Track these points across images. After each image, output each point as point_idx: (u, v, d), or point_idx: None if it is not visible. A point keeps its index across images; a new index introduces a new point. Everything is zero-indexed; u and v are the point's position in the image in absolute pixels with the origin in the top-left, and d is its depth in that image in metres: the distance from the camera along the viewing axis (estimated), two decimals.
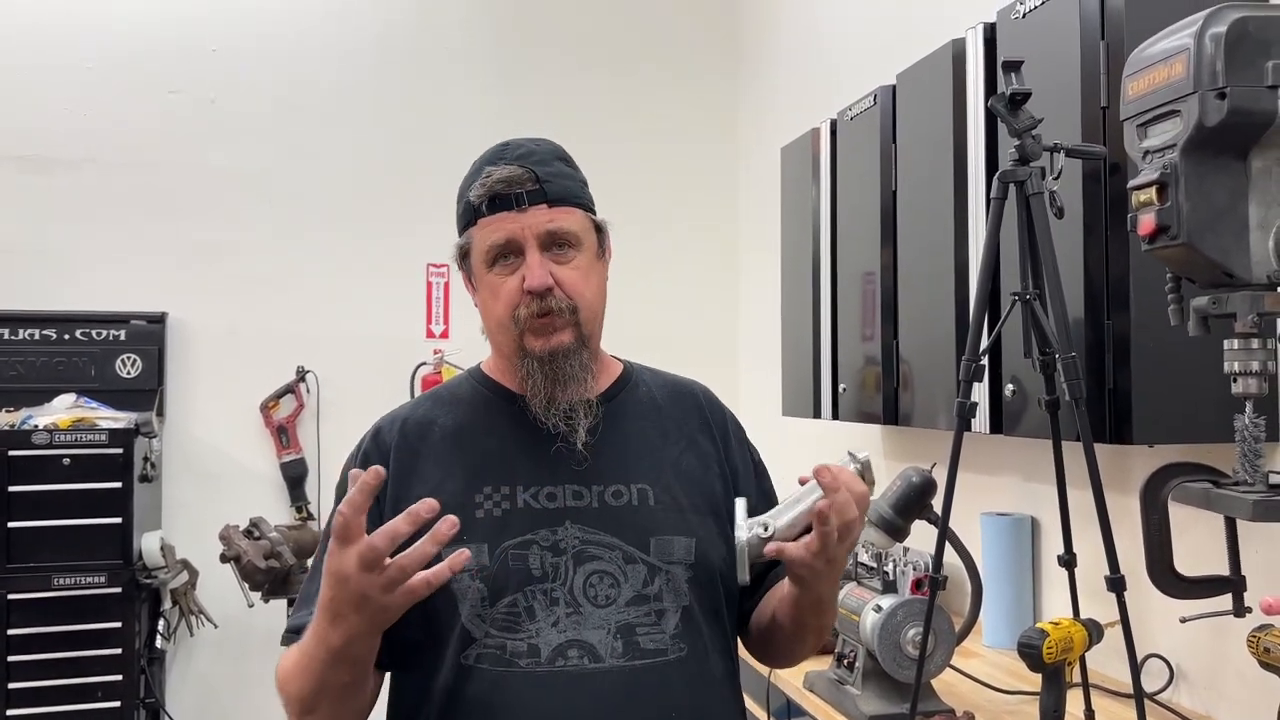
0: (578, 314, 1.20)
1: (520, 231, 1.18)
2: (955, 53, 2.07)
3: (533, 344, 1.19)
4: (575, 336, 1.20)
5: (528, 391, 1.21)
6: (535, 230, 1.18)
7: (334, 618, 1.02)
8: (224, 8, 3.74)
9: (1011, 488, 2.35)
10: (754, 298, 3.95)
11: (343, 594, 1.00)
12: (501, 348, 1.25)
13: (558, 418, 1.20)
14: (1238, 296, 1.08)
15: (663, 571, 1.19)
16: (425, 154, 3.89)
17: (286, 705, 1.14)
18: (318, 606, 1.05)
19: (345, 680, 1.08)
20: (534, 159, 1.20)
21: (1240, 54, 1.04)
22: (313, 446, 3.74)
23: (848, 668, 1.92)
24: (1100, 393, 1.66)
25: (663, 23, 4.12)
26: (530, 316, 1.18)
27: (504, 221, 1.18)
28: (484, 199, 1.18)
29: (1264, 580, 1.60)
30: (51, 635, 3.05)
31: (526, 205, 1.18)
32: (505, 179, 1.18)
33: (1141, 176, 1.12)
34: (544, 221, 1.18)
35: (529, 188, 1.18)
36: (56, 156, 3.59)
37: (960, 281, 2.06)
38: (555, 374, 1.19)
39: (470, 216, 1.21)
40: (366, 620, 1.01)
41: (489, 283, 1.21)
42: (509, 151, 1.22)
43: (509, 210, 1.18)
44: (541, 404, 1.20)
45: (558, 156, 1.24)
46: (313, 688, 1.09)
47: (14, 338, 3.46)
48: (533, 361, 1.19)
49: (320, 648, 1.05)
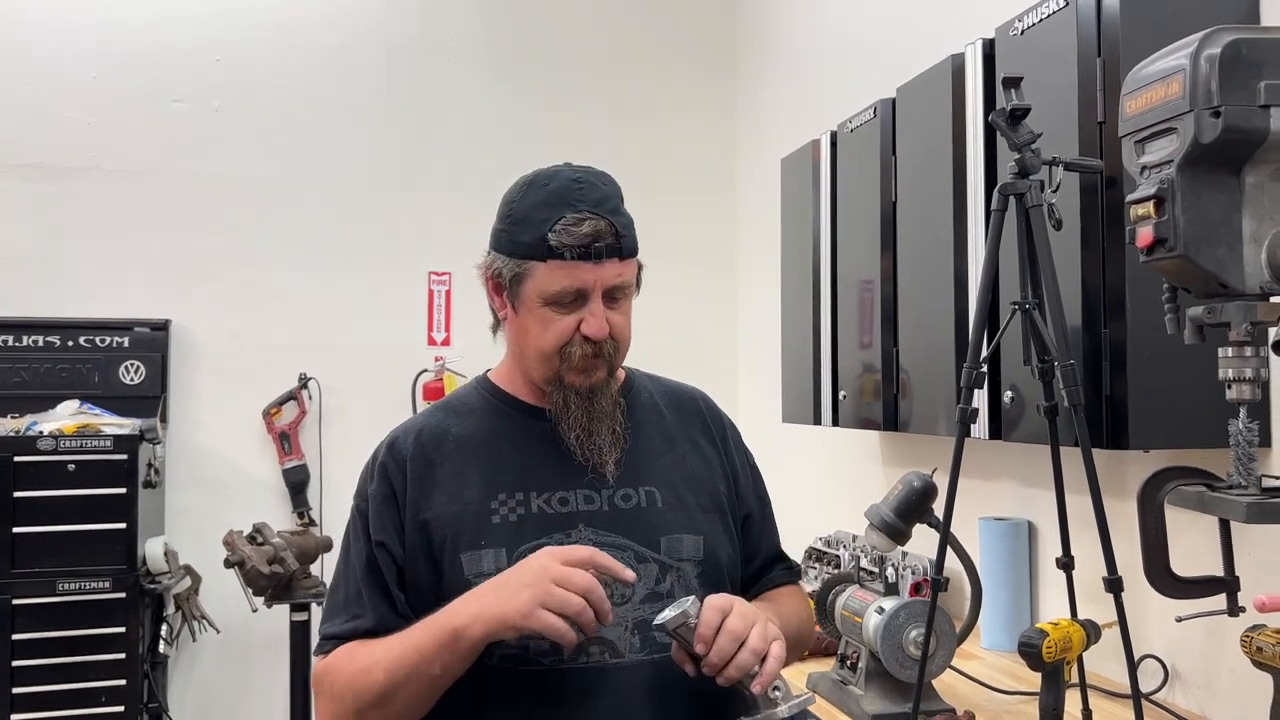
0: (616, 354, 1.27)
1: (593, 283, 1.21)
2: (955, 67, 2.12)
3: (574, 379, 1.24)
4: (608, 371, 1.27)
5: (564, 421, 1.26)
6: (605, 282, 1.22)
7: (477, 595, 1.13)
8: (228, 18, 3.77)
9: (1009, 493, 2.39)
10: (754, 305, 4.00)
11: (519, 574, 1.11)
12: (532, 372, 1.29)
13: (592, 450, 1.25)
14: (1232, 306, 1.12)
15: (674, 569, 1.24)
16: (428, 164, 3.93)
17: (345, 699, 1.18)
18: (462, 599, 1.14)
19: (436, 673, 1.14)
20: (608, 207, 1.22)
21: (1234, 74, 1.08)
22: (315, 453, 3.77)
23: (851, 668, 1.96)
24: (1098, 399, 1.71)
25: (664, 36, 4.17)
26: (584, 357, 1.23)
27: (581, 271, 1.20)
28: (569, 248, 1.19)
29: (1258, 581, 1.65)
30: (55, 640, 3.07)
31: (605, 259, 1.21)
32: (593, 233, 1.19)
33: (1139, 191, 1.16)
34: (614, 275, 1.22)
35: (609, 242, 1.21)
36: (61, 165, 3.62)
37: (959, 290, 2.10)
38: (593, 410, 1.25)
39: (541, 253, 1.21)
40: (501, 601, 1.10)
41: (541, 315, 1.23)
42: (586, 195, 1.22)
43: (587, 261, 1.20)
44: (579, 435, 1.25)
45: (621, 199, 1.27)
46: (404, 675, 1.14)
47: (19, 344, 3.48)
48: (570, 393, 1.25)
49: (432, 627, 1.14)
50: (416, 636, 1.15)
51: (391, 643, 1.17)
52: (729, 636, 1.09)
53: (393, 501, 1.26)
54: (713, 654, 1.09)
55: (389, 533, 1.25)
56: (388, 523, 1.25)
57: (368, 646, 1.19)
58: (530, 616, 1.07)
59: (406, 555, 1.24)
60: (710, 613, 1.10)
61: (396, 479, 1.27)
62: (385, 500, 1.26)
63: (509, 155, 3.87)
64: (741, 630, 1.09)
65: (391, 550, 1.24)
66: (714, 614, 1.10)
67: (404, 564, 1.24)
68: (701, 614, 1.10)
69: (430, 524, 1.24)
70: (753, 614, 1.12)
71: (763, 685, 1.09)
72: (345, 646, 1.22)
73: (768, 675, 1.09)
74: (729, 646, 1.08)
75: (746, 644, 1.08)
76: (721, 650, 1.08)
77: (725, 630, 1.09)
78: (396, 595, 1.23)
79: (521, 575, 1.10)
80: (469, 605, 1.13)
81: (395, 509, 1.25)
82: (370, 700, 1.16)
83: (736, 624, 1.09)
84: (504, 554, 1.21)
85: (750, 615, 1.12)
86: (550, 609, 1.06)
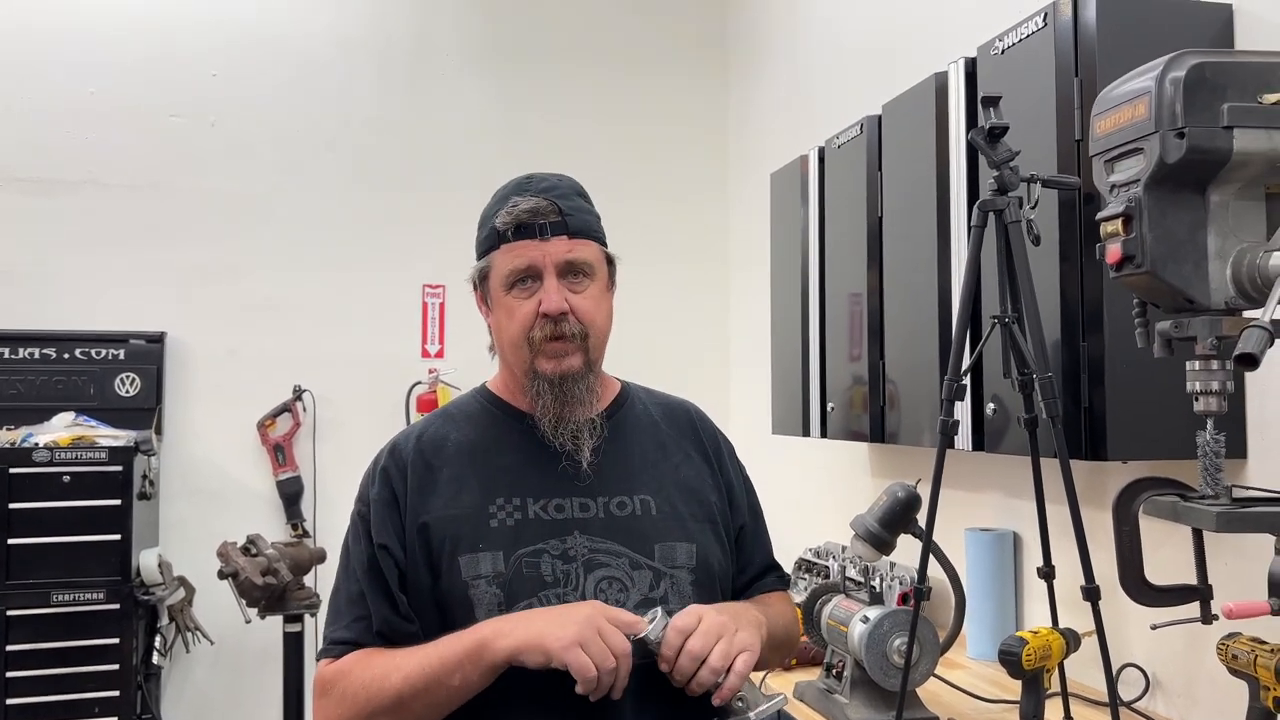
0: (588, 340, 1.28)
1: (541, 259, 1.25)
2: (938, 85, 2.16)
3: (544, 366, 1.27)
4: (583, 361, 1.28)
5: (537, 410, 1.28)
6: (555, 258, 1.26)
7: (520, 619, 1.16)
8: (224, 34, 3.81)
9: (994, 504, 2.42)
10: (744, 318, 4.03)
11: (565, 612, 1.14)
12: (513, 367, 1.32)
13: (565, 436, 1.27)
14: (1198, 321, 1.15)
15: (668, 576, 1.27)
16: (422, 178, 3.97)
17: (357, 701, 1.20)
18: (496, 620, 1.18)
19: (455, 684, 1.17)
20: (557, 193, 1.28)
21: (1198, 97, 1.11)
22: (309, 464, 3.79)
23: (836, 677, 1.98)
24: (1077, 411, 1.74)
25: (657, 53, 4.22)
26: (544, 339, 1.26)
27: (527, 249, 1.26)
28: (510, 226, 1.26)
29: (1233, 589, 1.67)
30: (49, 651, 3.08)
31: (549, 235, 1.26)
32: (531, 209, 1.25)
33: (1108, 209, 1.20)
34: (564, 251, 1.26)
35: (552, 219, 1.26)
36: (58, 179, 3.65)
37: (943, 304, 2.14)
38: (564, 396, 1.27)
39: (494, 241, 1.29)
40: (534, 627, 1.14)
41: (506, 304, 1.28)
42: (534, 184, 1.29)
43: (532, 239, 1.26)
44: (550, 423, 1.27)
45: (577, 192, 1.32)
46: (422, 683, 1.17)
47: (14, 357, 3.50)
48: (543, 383, 1.27)
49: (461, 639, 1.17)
50: (441, 646, 1.18)
51: (413, 650, 1.20)
52: (688, 657, 1.15)
53: (394, 505, 1.28)
54: (674, 672, 1.15)
55: (390, 536, 1.27)
56: (389, 526, 1.27)
57: (386, 653, 1.22)
58: (569, 649, 1.10)
59: (407, 558, 1.26)
60: (672, 633, 1.16)
61: (398, 483, 1.29)
62: (387, 504, 1.29)
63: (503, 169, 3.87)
64: (701, 650, 1.15)
65: (393, 553, 1.26)
66: (675, 635, 1.15)
67: (405, 567, 1.26)
68: (665, 634, 1.16)
69: (429, 527, 1.26)
70: (718, 629, 1.16)
71: (721, 699, 1.16)
72: (360, 651, 1.24)
73: (727, 690, 1.15)
74: (689, 666, 1.14)
75: (707, 663, 1.14)
76: (682, 670, 1.15)
77: (685, 651, 1.15)
78: (398, 597, 1.25)
79: (573, 613, 1.14)
80: (504, 622, 1.17)
81: (396, 512, 1.28)
82: (384, 705, 1.18)
83: (697, 644, 1.15)
84: (501, 557, 1.23)
85: (715, 630, 1.16)
86: (588, 652, 1.10)
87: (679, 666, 1.14)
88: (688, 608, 1.19)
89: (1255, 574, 1.64)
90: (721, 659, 1.14)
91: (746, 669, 1.16)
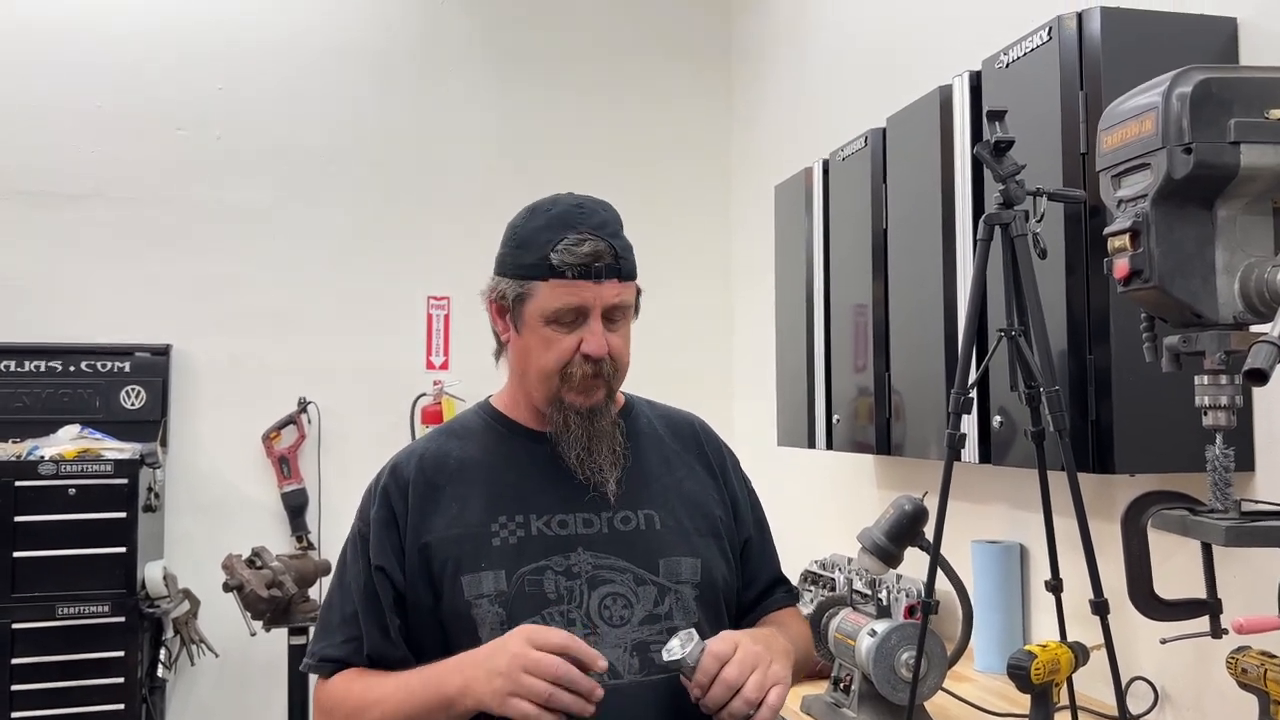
0: (615, 375, 1.30)
1: (593, 300, 1.25)
2: (943, 98, 2.16)
3: (574, 399, 1.27)
4: (606, 393, 1.30)
5: (564, 441, 1.29)
6: (604, 301, 1.26)
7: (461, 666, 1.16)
8: (230, 47, 3.83)
9: (1001, 516, 2.41)
10: (748, 329, 4.03)
11: (496, 658, 1.13)
12: (534, 392, 1.32)
13: (593, 469, 1.28)
14: (1206, 335, 1.15)
15: (672, 591, 1.26)
16: (426, 190, 3.98)
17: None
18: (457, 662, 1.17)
19: None
20: (608, 230, 1.28)
21: (1204, 112, 1.12)
22: (314, 477, 3.79)
23: (844, 691, 1.98)
24: (1084, 424, 1.74)
25: (661, 66, 4.24)
26: (584, 377, 1.26)
27: (581, 290, 1.25)
28: (568, 266, 1.24)
29: (1243, 603, 1.67)
30: (54, 664, 3.08)
31: (604, 279, 1.25)
32: (593, 253, 1.24)
33: (1116, 224, 1.20)
34: (613, 295, 1.26)
35: (609, 262, 1.25)
36: (64, 191, 3.66)
37: (949, 316, 2.14)
38: (593, 429, 1.28)
39: (543, 272, 1.26)
40: (477, 680, 1.14)
41: (543, 335, 1.27)
42: (586, 219, 1.27)
43: (588, 280, 1.25)
44: (579, 455, 1.28)
45: (621, 225, 1.32)
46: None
47: (20, 370, 3.51)
48: (570, 413, 1.28)
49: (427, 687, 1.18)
50: (416, 692, 1.19)
51: (391, 687, 1.21)
52: (723, 686, 1.14)
53: (393, 526, 1.28)
54: (707, 699, 1.14)
55: (389, 557, 1.27)
56: (388, 547, 1.27)
57: (366, 682, 1.23)
58: (504, 705, 1.11)
59: (407, 580, 1.26)
60: (709, 659, 1.15)
61: (398, 503, 1.29)
62: (386, 524, 1.29)
63: (508, 182, 3.95)
64: (737, 679, 1.14)
65: (391, 575, 1.26)
66: (712, 661, 1.14)
67: (403, 589, 1.26)
68: (701, 660, 1.15)
69: (431, 547, 1.26)
70: (754, 659, 1.16)
71: None
72: (345, 674, 1.24)
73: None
74: (722, 695, 1.14)
75: (741, 693, 1.13)
76: (715, 698, 1.14)
77: (721, 680, 1.14)
78: (391, 621, 1.26)
79: (496, 660, 1.13)
80: (460, 674, 1.16)
81: (396, 533, 1.28)
82: None
83: (733, 673, 1.14)
84: (504, 576, 1.23)
85: (751, 661, 1.15)
86: (521, 697, 1.10)
87: (713, 695, 1.14)
88: (723, 634, 1.19)
89: (1265, 587, 1.63)
90: (757, 691, 1.14)
91: (780, 702, 1.16)
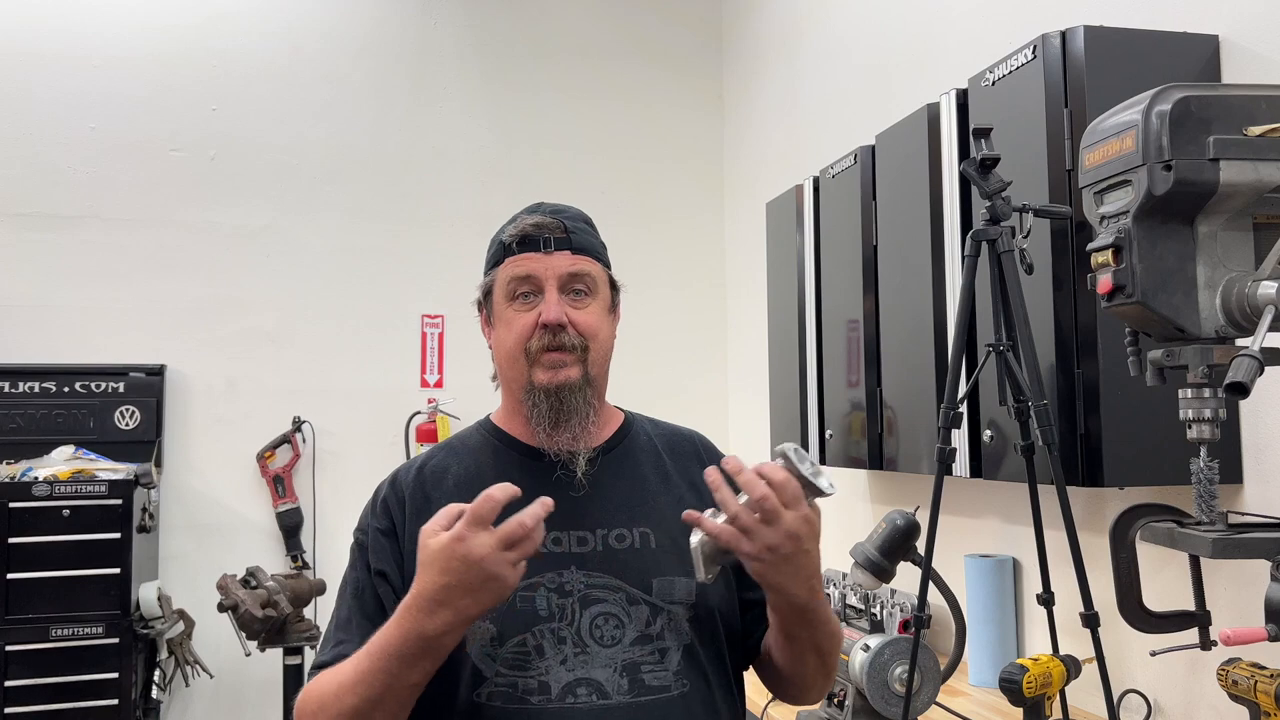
0: (587, 353, 1.27)
1: (543, 270, 1.27)
2: (930, 116, 2.19)
3: (540, 377, 1.26)
4: (581, 374, 1.27)
5: (532, 422, 1.28)
6: (556, 271, 1.27)
7: (438, 605, 1.09)
8: (224, 69, 3.85)
9: (993, 530, 2.42)
10: (741, 345, 4.04)
11: (468, 576, 1.07)
12: (510, 384, 1.32)
13: (560, 443, 1.26)
14: (1189, 350, 1.17)
15: (664, 611, 1.26)
16: (419, 209, 4.00)
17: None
18: (411, 602, 1.11)
19: (416, 681, 1.13)
20: (564, 214, 1.31)
21: (1184, 130, 1.14)
22: (308, 496, 3.79)
23: (838, 706, 1.98)
24: (1073, 438, 1.75)
25: (653, 84, 4.27)
26: (541, 349, 1.25)
27: (529, 260, 1.27)
28: (515, 239, 1.28)
29: (1232, 615, 1.68)
30: (48, 686, 3.07)
31: (553, 249, 1.28)
32: (536, 224, 1.28)
33: (1098, 240, 1.22)
34: (566, 265, 1.27)
35: (556, 234, 1.28)
36: (59, 213, 3.68)
37: (939, 330, 2.15)
38: (560, 406, 1.26)
39: (499, 255, 1.31)
40: (478, 603, 1.08)
41: (506, 316, 1.29)
42: (543, 206, 1.33)
43: (535, 251, 1.27)
44: (545, 434, 1.26)
45: (584, 219, 1.35)
46: (378, 693, 1.12)
47: (14, 390, 3.51)
48: (539, 394, 1.26)
49: (406, 643, 1.11)
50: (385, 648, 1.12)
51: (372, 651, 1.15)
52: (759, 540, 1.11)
53: (392, 534, 1.29)
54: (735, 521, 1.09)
55: (389, 563, 1.27)
56: (387, 554, 1.28)
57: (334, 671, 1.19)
58: (504, 591, 1.08)
59: (405, 587, 1.26)
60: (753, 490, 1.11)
61: (396, 514, 1.30)
62: (384, 533, 1.29)
63: (500, 199, 3.97)
64: (770, 537, 1.11)
65: (391, 579, 1.26)
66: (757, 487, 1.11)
67: (402, 593, 1.26)
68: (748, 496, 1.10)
69: None
70: (799, 539, 1.14)
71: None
72: (322, 673, 1.22)
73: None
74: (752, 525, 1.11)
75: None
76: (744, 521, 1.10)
77: (757, 531, 1.11)
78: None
79: (466, 578, 1.07)
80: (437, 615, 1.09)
81: (395, 542, 1.28)
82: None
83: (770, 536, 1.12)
84: None
85: (795, 531, 1.13)
86: (505, 573, 1.06)
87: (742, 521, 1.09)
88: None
89: (1253, 599, 1.65)
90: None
91: (801, 531, 1.14)
